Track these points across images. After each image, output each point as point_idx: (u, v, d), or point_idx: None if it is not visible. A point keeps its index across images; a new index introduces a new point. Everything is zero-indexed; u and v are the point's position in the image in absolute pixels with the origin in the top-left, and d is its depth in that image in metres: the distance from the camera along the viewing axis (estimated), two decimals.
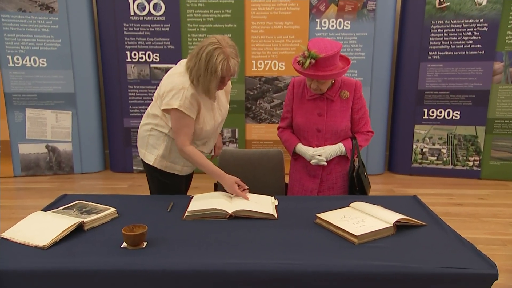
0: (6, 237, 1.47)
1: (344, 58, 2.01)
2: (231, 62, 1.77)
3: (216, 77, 1.79)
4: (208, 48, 1.75)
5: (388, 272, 1.26)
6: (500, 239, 2.88)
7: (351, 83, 2.08)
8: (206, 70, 1.75)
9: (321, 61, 1.85)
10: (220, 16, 4.10)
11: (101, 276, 1.27)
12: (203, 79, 1.78)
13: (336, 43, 1.91)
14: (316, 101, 2.07)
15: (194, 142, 1.99)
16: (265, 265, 1.29)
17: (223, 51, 1.75)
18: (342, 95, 2.06)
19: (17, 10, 4.00)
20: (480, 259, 1.31)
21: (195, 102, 1.85)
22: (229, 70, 1.79)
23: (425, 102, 4.21)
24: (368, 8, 4.01)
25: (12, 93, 4.15)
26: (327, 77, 1.89)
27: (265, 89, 4.25)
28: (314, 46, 1.87)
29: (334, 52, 1.86)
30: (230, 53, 1.77)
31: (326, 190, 2.15)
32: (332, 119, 2.05)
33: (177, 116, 1.85)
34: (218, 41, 1.76)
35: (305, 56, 1.87)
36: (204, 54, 1.74)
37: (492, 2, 3.86)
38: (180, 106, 1.81)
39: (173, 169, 2.05)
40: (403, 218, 1.53)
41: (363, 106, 2.10)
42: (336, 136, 2.07)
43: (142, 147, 2.08)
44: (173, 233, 1.53)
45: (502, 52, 3.94)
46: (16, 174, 4.32)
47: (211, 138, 2.09)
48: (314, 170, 2.12)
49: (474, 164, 4.23)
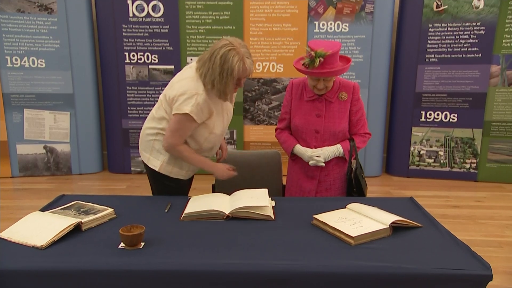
0: (4, 237, 1.48)
1: (344, 57, 2.07)
2: (247, 62, 1.76)
3: (233, 79, 1.76)
4: (222, 50, 1.72)
5: (384, 273, 1.27)
6: (496, 241, 2.89)
7: (349, 85, 2.11)
8: (222, 73, 1.73)
9: (327, 58, 1.90)
10: (218, 18, 4.11)
11: (98, 276, 1.28)
12: (219, 82, 1.75)
13: (334, 42, 2.01)
14: (315, 103, 2.09)
15: (202, 148, 1.96)
16: (262, 265, 1.30)
17: (237, 52, 1.73)
18: (340, 97, 2.08)
19: (16, 10, 4.00)
20: (475, 260, 1.32)
21: (206, 108, 1.82)
22: (246, 71, 1.77)
23: (422, 104, 4.23)
24: (366, 10, 4.03)
25: (10, 94, 4.15)
26: (335, 73, 1.95)
27: (263, 91, 4.26)
28: (318, 46, 1.92)
29: (338, 49, 1.94)
30: (245, 53, 1.76)
31: (324, 191, 2.16)
32: (330, 121, 2.07)
33: (183, 119, 1.81)
34: (230, 42, 1.74)
35: (312, 56, 1.90)
36: (219, 56, 1.72)
37: (489, 6, 3.89)
38: (192, 111, 1.78)
39: (178, 175, 2.02)
40: (399, 220, 1.54)
41: (360, 108, 2.12)
42: (334, 137, 2.09)
43: (146, 151, 2.03)
44: (171, 233, 1.53)
45: (499, 55, 3.96)
46: (14, 174, 4.32)
47: (218, 142, 2.07)
48: (312, 171, 2.13)
49: (471, 166, 4.25)
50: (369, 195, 2.22)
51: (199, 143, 1.94)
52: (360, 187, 2.12)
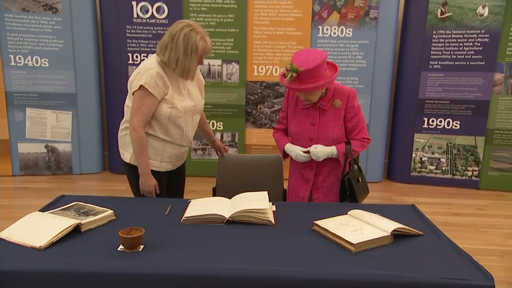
0: (3, 237, 1.47)
1: (331, 65, 1.99)
2: (208, 40, 1.90)
3: (197, 56, 1.89)
4: (183, 31, 1.86)
5: (384, 281, 1.25)
6: (498, 250, 2.87)
7: (344, 91, 2.04)
8: (186, 50, 1.85)
9: (303, 74, 1.84)
10: (222, 21, 4.12)
11: (96, 278, 1.27)
12: (183, 60, 1.87)
13: (319, 54, 1.88)
14: (309, 110, 2.07)
15: (168, 132, 2.00)
16: (262, 271, 1.29)
17: (197, 31, 1.88)
18: (334, 104, 2.04)
19: (20, 10, 4.02)
20: (477, 270, 1.31)
21: (160, 81, 1.89)
22: (207, 48, 1.90)
23: (425, 111, 4.22)
24: (370, 16, 4.03)
25: (13, 92, 4.16)
26: (309, 89, 1.88)
27: (265, 94, 4.26)
28: (297, 59, 1.87)
29: (316, 65, 1.83)
30: (204, 32, 1.91)
31: (322, 197, 2.14)
32: (324, 129, 2.05)
33: (140, 94, 1.89)
34: (189, 23, 1.89)
35: (288, 69, 1.87)
36: (181, 37, 1.85)
37: (494, 14, 3.88)
38: (145, 83, 1.86)
39: (151, 166, 2.03)
40: (401, 227, 1.53)
41: (356, 114, 2.07)
42: (329, 145, 2.06)
43: (121, 146, 2.11)
44: (170, 236, 1.52)
45: (502, 63, 3.96)
46: (14, 173, 4.32)
47: (188, 129, 2.07)
48: (307, 174, 2.12)
49: (473, 174, 4.23)
50: (370, 201, 2.20)
51: (163, 124, 1.98)
52: (353, 192, 2.08)
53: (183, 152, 2.16)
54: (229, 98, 4.28)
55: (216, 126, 4.33)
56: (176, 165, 2.17)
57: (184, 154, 2.19)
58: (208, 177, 2.01)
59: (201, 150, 4.37)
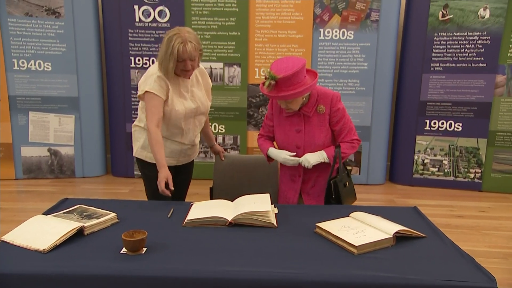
0: (7, 240, 1.48)
1: (311, 72, 1.97)
2: (188, 45, 1.96)
3: (173, 58, 1.96)
4: (168, 35, 1.99)
5: (387, 283, 1.25)
6: (501, 252, 2.86)
7: (327, 96, 2.02)
8: (166, 52, 1.97)
9: (282, 81, 1.83)
10: (224, 24, 4.13)
11: (100, 281, 1.27)
12: (164, 61, 1.99)
13: (298, 61, 1.87)
14: (293, 118, 2.05)
15: (170, 129, 2.11)
16: (264, 273, 1.29)
17: (180, 36, 1.96)
18: (318, 110, 2.03)
19: (23, 14, 4.04)
20: (479, 272, 1.31)
21: (163, 83, 2.02)
22: (185, 52, 1.96)
23: (427, 113, 4.22)
24: (371, 19, 4.04)
25: (16, 96, 4.18)
26: (288, 97, 1.86)
27: (267, 97, 4.27)
28: (275, 66, 1.87)
29: (294, 72, 1.82)
30: (188, 37, 1.97)
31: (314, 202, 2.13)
32: (310, 135, 2.04)
33: (148, 98, 2.02)
34: (178, 29, 2.00)
35: (266, 77, 1.87)
36: (166, 40, 1.99)
37: (495, 16, 3.88)
38: (150, 88, 2.00)
39: (153, 159, 2.06)
40: (403, 230, 1.53)
41: (342, 117, 2.05)
42: (316, 151, 2.05)
43: (134, 144, 2.25)
44: (173, 239, 1.53)
45: (504, 65, 3.95)
46: (17, 176, 4.34)
47: (189, 128, 2.15)
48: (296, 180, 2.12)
49: (476, 176, 4.22)
50: (372, 203, 2.20)
51: (164, 122, 2.09)
52: (339, 196, 2.05)
53: (185, 149, 2.21)
54: (230, 101, 4.29)
55: (218, 129, 4.34)
56: (181, 161, 2.24)
57: (188, 151, 2.24)
58: (210, 180, 2.02)
59: (203, 153, 4.38)
